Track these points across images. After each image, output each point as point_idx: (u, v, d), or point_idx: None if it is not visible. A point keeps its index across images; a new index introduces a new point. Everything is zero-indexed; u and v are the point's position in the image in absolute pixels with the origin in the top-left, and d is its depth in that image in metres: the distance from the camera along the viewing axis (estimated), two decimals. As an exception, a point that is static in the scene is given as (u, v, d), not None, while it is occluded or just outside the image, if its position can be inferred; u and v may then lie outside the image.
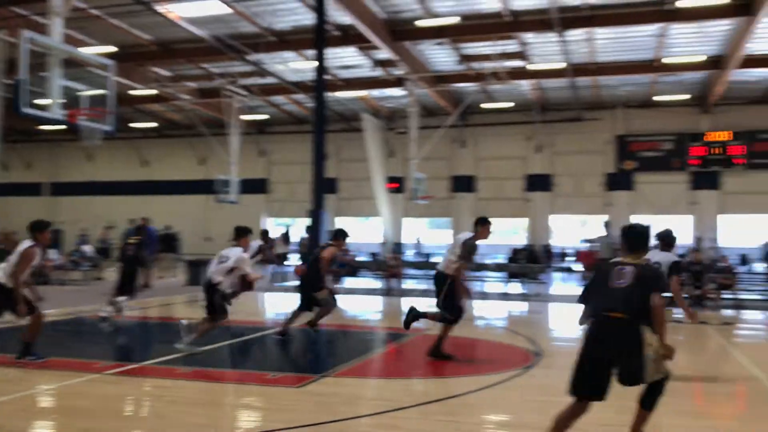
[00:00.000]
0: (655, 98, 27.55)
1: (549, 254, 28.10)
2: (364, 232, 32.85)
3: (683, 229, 28.09)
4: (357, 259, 23.11)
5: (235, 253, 9.02)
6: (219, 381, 7.47)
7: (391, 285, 19.06)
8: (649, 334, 4.63)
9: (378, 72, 25.20)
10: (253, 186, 32.24)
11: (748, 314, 15.09)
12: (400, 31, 21.01)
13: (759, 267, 22.39)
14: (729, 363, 9.08)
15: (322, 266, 10.01)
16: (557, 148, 30.25)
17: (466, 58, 23.60)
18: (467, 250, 8.28)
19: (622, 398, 4.89)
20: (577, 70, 23.96)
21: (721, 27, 20.11)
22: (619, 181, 29.40)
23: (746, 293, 17.79)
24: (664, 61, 22.87)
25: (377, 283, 19.90)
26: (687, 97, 27.16)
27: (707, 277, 15.74)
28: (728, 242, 26.75)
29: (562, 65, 23.41)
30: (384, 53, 22.08)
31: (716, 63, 22.76)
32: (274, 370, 8.15)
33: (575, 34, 20.82)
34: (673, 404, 6.42)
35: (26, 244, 7.89)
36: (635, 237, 5.01)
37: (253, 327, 11.18)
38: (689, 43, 21.59)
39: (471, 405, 6.40)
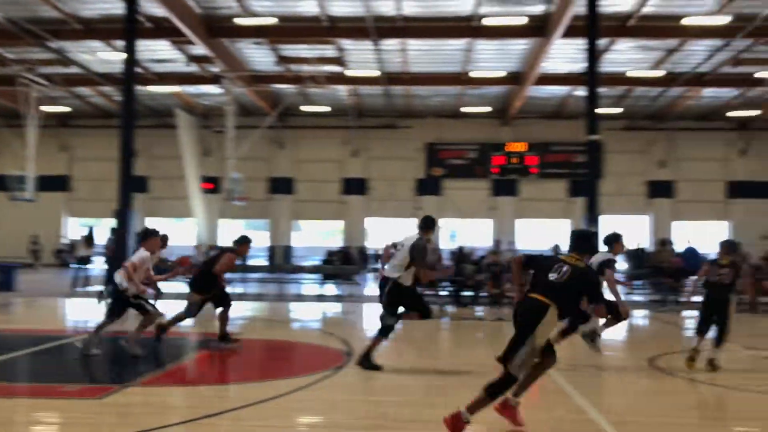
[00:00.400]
0: (463, 109, 29.27)
1: (364, 256, 28.78)
2: (176, 234, 31.67)
3: (484, 232, 30.13)
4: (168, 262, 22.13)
5: (138, 256, 8.84)
6: (7, 396, 6.81)
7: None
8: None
9: (193, 68, 24.42)
10: (53, 183, 29.99)
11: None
12: (216, 28, 20.53)
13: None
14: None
15: (217, 271, 9.45)
16: (372, 153, 31.14)
17: (284, 60, 23.57)
18: (417, 252, 8.05)
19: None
20: (391, 78, 24.84)
21: (520, 46, 21.82)
22: (428, 187, 30.86)
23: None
24: (471, 74, 24.38)
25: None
26: (490, 109, 29.14)
27: (505, 277, 16.94)
28: (524, 245, 29.02)
29: (377, 73, 24.16)
30: (199, 49, 21.46)
31: (515, 79, 24.65)
32: (72, 381, 7.59)
33: (390, 44, 21.58)
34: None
35: None
36: (575, 238, 5.89)
37: (48, 336, 10.35)
38: (492, 59, 23.19)
39: (284, 408, 6.40)
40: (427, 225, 8.41)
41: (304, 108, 29.22)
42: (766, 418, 6.27)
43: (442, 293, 16.75)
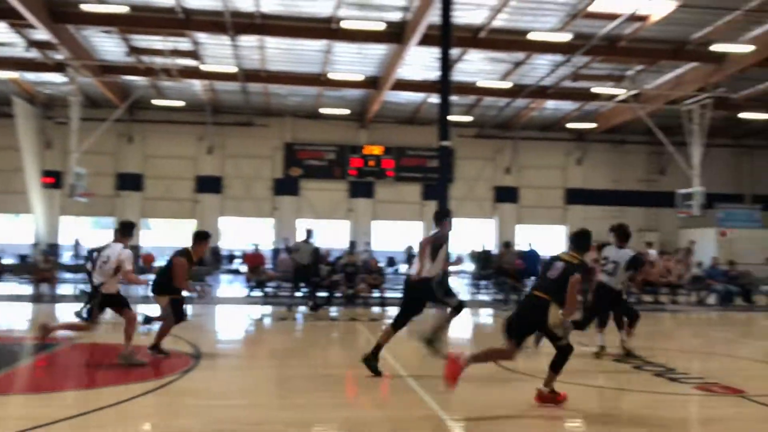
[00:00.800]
0: (321, 110, 29.38)
1: (217, 257, 28.14)
2: (12, 231, 29.47)
3: (341, 233, 30.42)
4: (2, 261, 20.62)
5: (115, 252, 8.19)
6: None
7: (42, 291, 17.34)
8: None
9: (34, 53, 22.79)
10: None
11: (394, 310, 16.83)
12: (62, 13, 19.29)
13: (403, 268, 25.12)
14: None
15: (175, 274, 8.76)
16: (228, 150, 30.51)
17: (135, 51, 22.57)
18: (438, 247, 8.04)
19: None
20: (248, 75, 24.48)
21: (378, 51, 22.24)
22: (286, 187, 30.69)
23: (392, 292, 19.87)
24: (330, 76, 24.53)
25: (26, 289, 17.96)
26: (348, 111, 29.46)
27: (359, 278, 17.22)
28: (379, 246, 29.59)
29: (234, 69, 23.72)
30: (41, 34, 20.06)
31: (373, 83, 25.10)
32: None
33: (248, 40, 21.27)
34: (328, 397, 6.95)
35: None
36: (574, 237, 6.98)
37: None
38: (351, 62, 23.47)
39: (126, 414, 6.14)
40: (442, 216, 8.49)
41: (156, 102, 28.09)
42: (593, 410, 6.80)
43: (297, 294, 16.73)
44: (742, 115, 27.16)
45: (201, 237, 9.24)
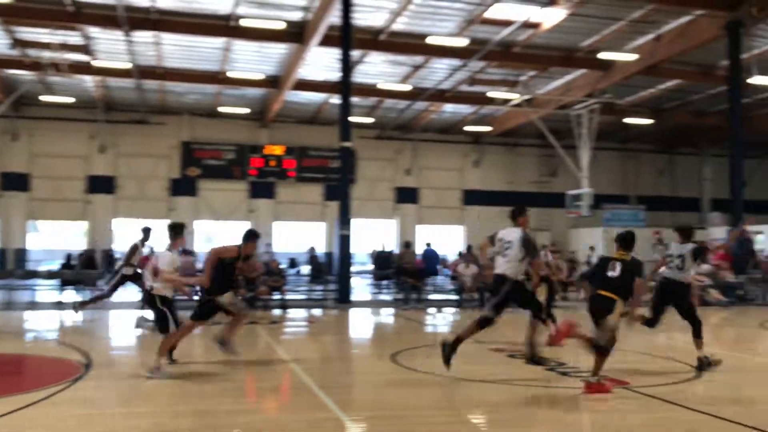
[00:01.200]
0: (220, 109, 28.80)
1: (110, 259, 27.03)
2: None
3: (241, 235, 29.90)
4: None
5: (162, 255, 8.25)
6: None
7: None
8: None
9: None
10: None
11: (294, 313, 16.76)
12: (-65, 1, 18.03)
13: (305, 270, 25.04)
14: (274, 359, 9.93)
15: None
16: (122, 149, 29.40)
17: (21, 43, 21.38)
18: (531, 245, 8.16)
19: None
20: (143, 72, 23.69)
21: (278, 50, 22.05)
22: (183, 187, 29.90)
23: (293, 294, 19.77)
24: (229, 74, 24.11)
25: None
26: (248, 111, 29.02)
27: (260, 280, 17.01)
28: (281, 247, 29.33)
29: (129, 65, 22.89)
30: None
31: (274, 82, 24.86)
32: None
33: (143, 36, 20.60)
34: (226, 404, 6.83)
35: None
36: (623, 237, 7.76)
37: None
38: (251, 60, 23.16)
39: (7, 427, 5.82)
40: (519, 213, 8.59)
41: (44, 98, 26.65)
42: (493, 403, 7.02)
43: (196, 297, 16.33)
44: (627, 120, 28.74)
45: (252, 235, 9.00)
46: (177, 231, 8.48)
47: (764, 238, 25.02)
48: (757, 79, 21.67)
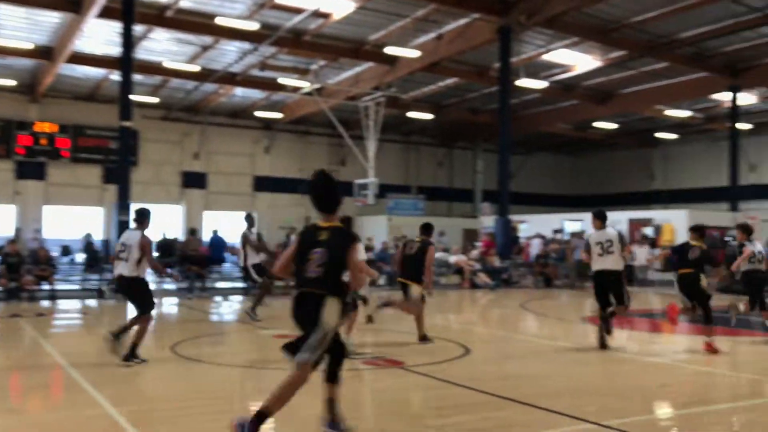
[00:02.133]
0: (-20, 80, 25.80)
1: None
2: None
3: (7, 219, 27.24)
4: None
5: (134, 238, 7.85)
6: None
7: None
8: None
9: None
10: None
11: (67, 304, 15.58)
12: None
13: (80, 257, 23.33)
14: (40, 355, 9.18)
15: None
16: None
17: None
18: (623, 239, 9.42)
19: None
20: None
21: (51, 19, 20.24)
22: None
23: (66, 283, 18.38)
24: (-9, 41, 21.66)
25: None
26: (15, 83, 26.31)
27: (25, 269, 15.62)
28: (53, 234, 27.06)
29: None
30: None
31: (46, 54, 22.77)
32: None
33: None
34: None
35: None
36: (697, 229, 9.61)
37: None
38: (19, 27, 21.01)
39: None
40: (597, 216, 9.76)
41: None
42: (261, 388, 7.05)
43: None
44: (410, 114, 30.24)
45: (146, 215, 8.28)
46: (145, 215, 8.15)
47: (527, 226, 27.75)
48: (524, 82, 23.90)
